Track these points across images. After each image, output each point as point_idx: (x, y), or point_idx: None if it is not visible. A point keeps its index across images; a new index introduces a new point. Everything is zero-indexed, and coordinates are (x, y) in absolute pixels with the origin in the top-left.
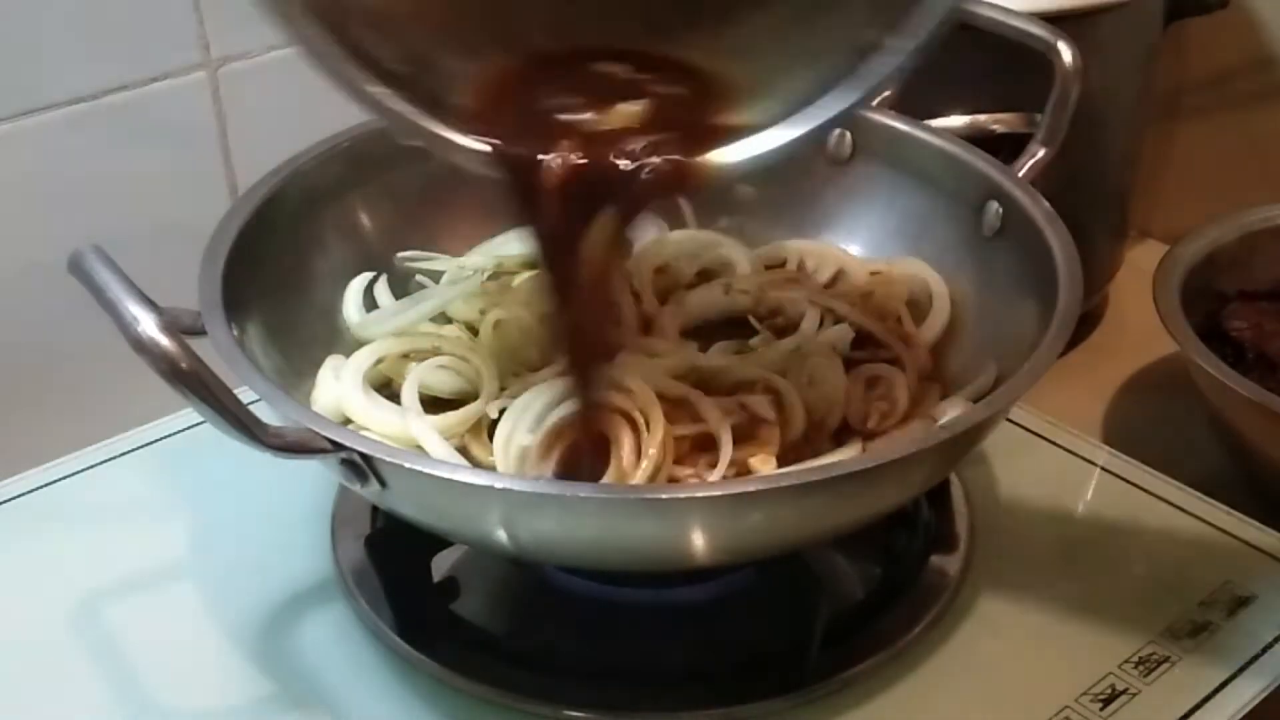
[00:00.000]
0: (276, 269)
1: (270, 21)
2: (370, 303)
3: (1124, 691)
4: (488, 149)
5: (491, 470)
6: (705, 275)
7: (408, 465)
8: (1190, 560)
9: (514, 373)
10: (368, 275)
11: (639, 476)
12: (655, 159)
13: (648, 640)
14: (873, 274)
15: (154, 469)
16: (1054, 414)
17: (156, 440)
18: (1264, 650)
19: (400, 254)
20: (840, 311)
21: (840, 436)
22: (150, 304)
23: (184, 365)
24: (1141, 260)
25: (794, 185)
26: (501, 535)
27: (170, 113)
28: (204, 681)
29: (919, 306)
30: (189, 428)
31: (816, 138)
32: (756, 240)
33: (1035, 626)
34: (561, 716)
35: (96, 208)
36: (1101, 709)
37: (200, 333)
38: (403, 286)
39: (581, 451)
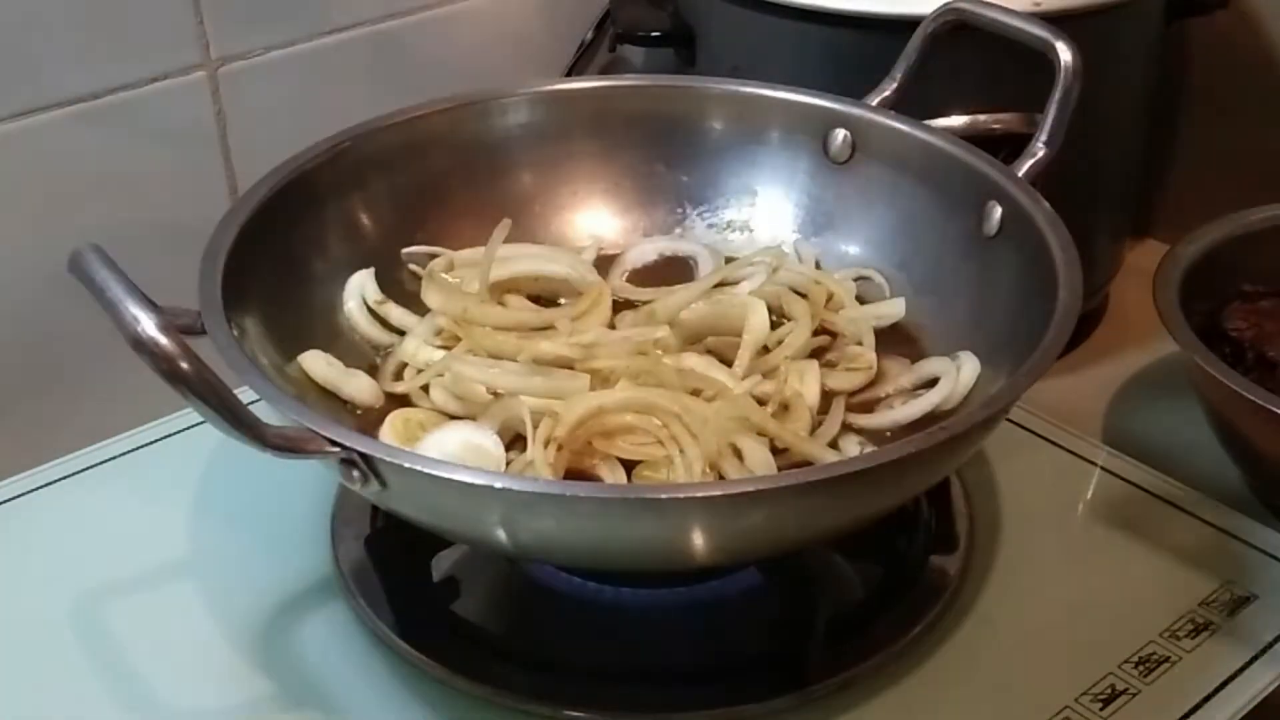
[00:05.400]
0: (276, 269)
1: None
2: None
3: (1124, 691)
4: None
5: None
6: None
7: (408, 465)
8: (1190, 560)
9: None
10: (366, 271)
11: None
12: None
13: (648, 640)
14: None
15: (154, 469)
16: (1054, 414)
17: (156, 440)
18: (1264, 650)
19: (406, 249)
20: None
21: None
22: (150, 304)
23: (184, 365)
24: (1141, 260)
25: (794, 185)
26: (501, 535)
27: (170, 113)
28: (204, 681)
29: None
30: (189, 428)
31: None
32: (757, 240)
33: (1035, 626)
34: (561, 716)
35: (96, 208)
36: (1101, 709)
37: (200, 333)
38: (402, 286)
39: None
